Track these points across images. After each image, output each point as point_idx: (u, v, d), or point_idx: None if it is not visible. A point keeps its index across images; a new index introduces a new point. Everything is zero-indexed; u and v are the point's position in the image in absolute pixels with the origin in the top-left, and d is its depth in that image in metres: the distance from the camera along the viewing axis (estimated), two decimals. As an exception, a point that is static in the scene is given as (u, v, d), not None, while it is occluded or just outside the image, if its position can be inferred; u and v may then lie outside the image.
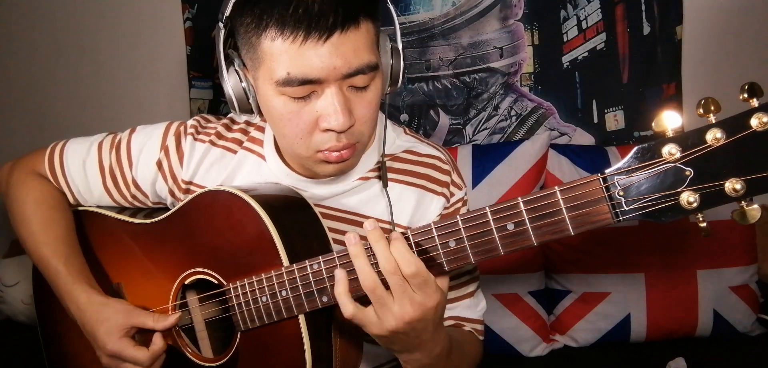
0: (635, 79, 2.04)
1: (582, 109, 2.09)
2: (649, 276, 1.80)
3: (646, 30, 2.01)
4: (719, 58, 2.01)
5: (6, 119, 2.46)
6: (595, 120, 2.09)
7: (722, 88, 1.94)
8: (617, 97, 2.06)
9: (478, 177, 1.91)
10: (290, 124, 0.99)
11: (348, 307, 0.90)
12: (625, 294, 1.81)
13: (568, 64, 2.07)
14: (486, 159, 1.94)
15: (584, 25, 2.04)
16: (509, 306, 1.84)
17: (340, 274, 0.91)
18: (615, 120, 2.07)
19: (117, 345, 1.07)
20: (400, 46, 1.09)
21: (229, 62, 1.04)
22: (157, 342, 1.08)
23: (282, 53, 0.93)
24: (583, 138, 2.10)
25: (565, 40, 2.06)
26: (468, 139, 2.15)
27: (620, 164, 0.77)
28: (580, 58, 2.06)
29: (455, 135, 2.16)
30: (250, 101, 1.04)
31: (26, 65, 2.41)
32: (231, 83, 1.04)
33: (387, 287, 0.88)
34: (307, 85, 0.94)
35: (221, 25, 1.01)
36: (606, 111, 2.08)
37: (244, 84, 1.03)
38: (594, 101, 2.08)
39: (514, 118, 2.12)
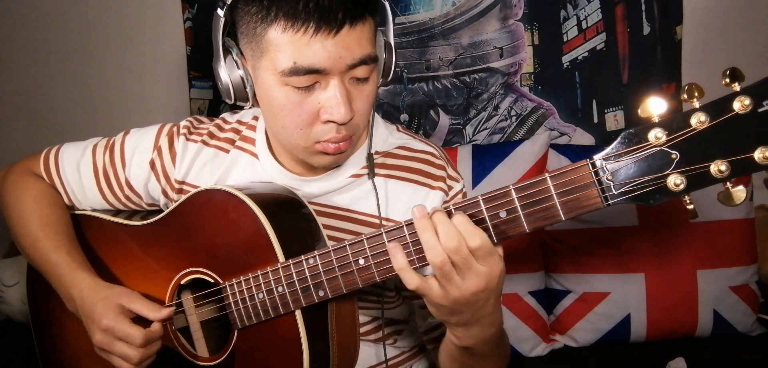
0: (635, 79, 2.04)
1: (582, 109, 2.09)
2: (649, 276, 1.79)
3: (646, 30, 2.01)
4: (719, 58, 2.00)
5: (5, 119, 2.46)
6: (595, 120, 2.09)
7: (722, 88, 1.94)
8: (617, 97, 2.06)
9: (478, 177, 1.91)
10: (291, 115, 1.00)
11: (413, 279, 0.87)
12: (625, 294, 1.80)
13: (568, 64, 2.07)
14: (486, 159, 1.94)
15: (584, 25, 2.04)
16: (509, 306, 1.83)
17: (395, 249, 0.88)
18: (615, 120, 2.07)
19: (112, 320, 1.06)
20: (393, 42, 1.10)
21: (226, 51, 1.04)
22: (155, 325, 1.08)
23: (289, 44, 0.93)
24: (583, 138, 2.10)
25: (565, 40, 2.06)
26: (468, 139, 2.15)
27: (608, 149, 0.79)
28: (580, 58, 2.06)
29: (455, 135, 2.16)
30: (247, 90, 1.04)
31: (25, 65, 2.41)
32: (228, 71, 1.04)
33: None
34: (312, 75, 0.95)
35: (221, 13, 1.01)
36: (606, 111, 2.08)
37: (241, 72, 1.03)
38: (594, 101, 2.08)
39: (514, 118, 2.12)
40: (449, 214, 0.85)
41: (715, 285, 1.77)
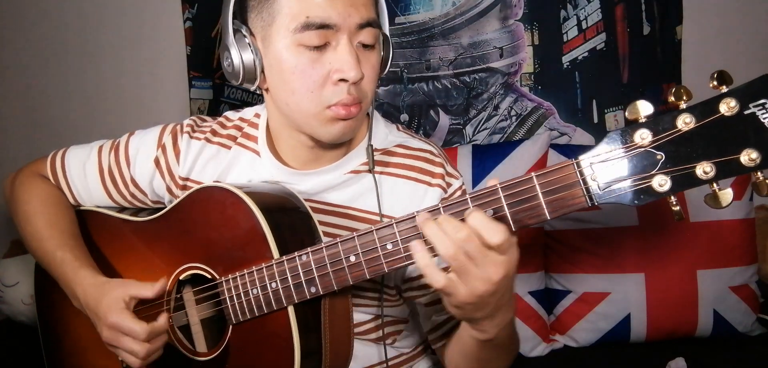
0: (635, 79, 2.04)
1: (582, 109, 2.09)
2: (649, 276, 1.79)
3: (646, 30, 2.01)
4: (719, 58, 2.00)
5: (5, 119, 2.46)
6: (595, 120, 2.09)
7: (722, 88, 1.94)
8: (617, 97, 2.06)
9: (478, 177, 1.91)
10: (303, 77, 1.02)
11: (439, 278, 0.84)
12: (625, 294, 1.80)
13: (568, 64, 2.07)
14: (486, 159, 1.94)
15: (584, 25, 2.04)
16: (508, 306, 1.83)
17: (417, 245, 0.85)
18: (615, 120, 2.07)
19: (117, 317, 1.08)
20: (388, 33, 1.13)
21: (235, 31, 1.07)
22: (159, 320, 1.09)
23: (300, 2, 0.99)
24: (583, 138, 2.10)
25: (565, 40, 2.06)
26: (468, 139, 2.15)
27: (594, 150, 0.80)
28: (580, 58, 2.06)
29: (455, 135, 2.16)
30: (256, 66, 1.06)
31: (25, 66, 2.41)
32: (238, 50, 1.06)
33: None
34: (323, 31, 0.99)
35: None
36: (606, 111, 2.08)
37: (249, 53, 1.06)
38: (594, 101, 2.08)
39: (514, 118, 2.12)
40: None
41: (715, 285, 1.76)
